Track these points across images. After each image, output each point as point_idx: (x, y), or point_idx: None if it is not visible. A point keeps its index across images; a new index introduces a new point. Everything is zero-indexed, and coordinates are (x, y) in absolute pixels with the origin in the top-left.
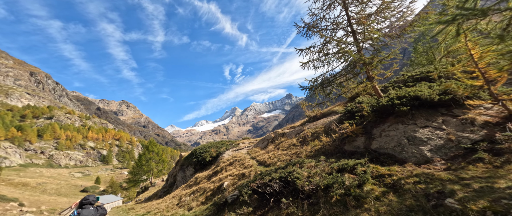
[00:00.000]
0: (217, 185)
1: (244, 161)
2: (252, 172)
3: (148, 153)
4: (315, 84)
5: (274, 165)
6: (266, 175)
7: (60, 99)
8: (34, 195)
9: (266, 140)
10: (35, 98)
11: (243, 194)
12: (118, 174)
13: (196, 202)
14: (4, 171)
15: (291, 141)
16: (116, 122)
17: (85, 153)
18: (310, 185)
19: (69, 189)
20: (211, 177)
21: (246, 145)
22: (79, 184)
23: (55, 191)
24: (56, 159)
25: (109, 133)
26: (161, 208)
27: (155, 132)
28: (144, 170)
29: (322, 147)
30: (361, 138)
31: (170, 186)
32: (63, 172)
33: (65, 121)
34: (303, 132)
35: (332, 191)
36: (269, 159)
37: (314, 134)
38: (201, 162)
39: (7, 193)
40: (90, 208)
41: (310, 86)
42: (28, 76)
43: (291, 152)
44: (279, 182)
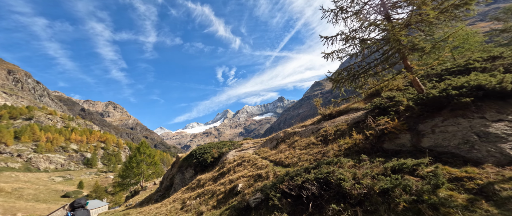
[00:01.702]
0: (229, 187)
1: (255, 161)
2: (269, 172)
3: (139, 155)
4: (344, 75)
5: (295, 165)
6: (296, 175)
7: (40, 99)
8: (9, 202)
9: (275, 140)
10: (13, 98)
11: (271, 197)
12: (103, 178)
13: (206, 206)
14: None
15: (309, 140)
16: (102, 124)
17: (68, 155)
18: (361, 189)
19: (48, 194)
20: (218, 178)
21: (250, 145)
22: (60, 188)
23: (32, 196)
24: (35, 163)
25: (94, 134)
26: (162, 212)
27: (144, 134)
28: (134, 173)
29: (354, 145)
30: (405, 135)
31: (167, 189)
32: (42, 176)
33: (46, 122)
34: (321, 130)
35: (394, 197)
36: (286, 158)
37: (337, 132)
38: (202, 163)
39: None
40: (82, 210)
41: (337, 78)
42: (6, 75)
43: (313, 151)
44: (317, 183)
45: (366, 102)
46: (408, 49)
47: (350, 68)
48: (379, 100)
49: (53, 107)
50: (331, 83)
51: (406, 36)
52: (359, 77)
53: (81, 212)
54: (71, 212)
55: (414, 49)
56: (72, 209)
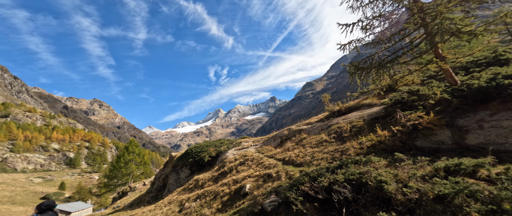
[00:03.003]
0: (234, 188)
1: (260, 160)
2: (280, 172)
3: (127, 154)
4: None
5: (309, 165)
6: (318, 176)
7: (18, 95)
8: None
9: (279, 137)
10: None
11: (291, 201)
12: (87, 178)
13: (209, 208)
14: None
15: (319, 137)
16: (87, 122)
17: (48, 155)
18: (412, 193)
19: (26, 196)
20: (219, 178)
21: (250, 144)
22: (39, 190)
23: (8, 199)
24: (11, 163)
25: (78, 133)
26: (157, 215)
27: (131, 133)
28: (122, 173)
29: (380, 143)
30: (444, 131)
31: (159, 190)
32: (19, 177)
33: (24, 119)
34: (332, 127)
35: (458, 205)
36: (297, 157)
37: (352, 129)
38: (199, 163)
39: None
40: (50, 213)
41: (357, 70)
42: None
43: (328, 149)
44: (349, 185)
45: (380, 98)
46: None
47: (371, 59)
48: (400, 94)
49: (33, 104)
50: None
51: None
52: (383, 67)
53: (48, 214)
54: (38, 214)
55: (454, 33)
56: (39, 211)
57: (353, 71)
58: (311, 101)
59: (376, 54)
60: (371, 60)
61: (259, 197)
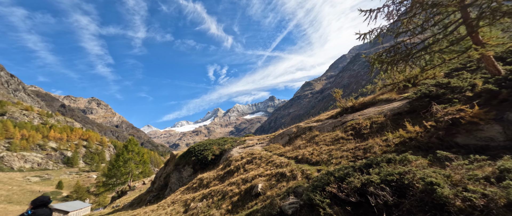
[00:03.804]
0: (244, 188)
1: (270, 158)
2: (295, 171)
3: (127, 153)
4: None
5: (327, 163)
6: (345, 176)
7: (15, 93)
8: None
9: (287, 135)
10: None
11: (317, 203)
12: (85, 177)
13: (218, 209)
14: None
15: (334, 134)
16: (84, 121)
17: (45, 154)
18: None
19: (23, 195)
20: (225, 177)
21: (255, 142)
22: (36, 189)
23: (4, 198)
24: (8, 161)
25: (76, 132)
26: (160, 215)
27: (130, 132)
28: (121, 172)
29: (410, 140)
30: (493, 126)
31: (161, 189)
32: (16, 176)
33: (20, 118)
34: (347, 123)
35: None
36: (311, 155)
37: (373, 125)
38: (202, 161)
39: None
40: (45, 209)
41: (379, 60)
42: None
43: (347, 147)
44: (387, 187)
45: (399, 93)
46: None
47: (396, 49)
48: (425, 88)
49: (29, 102)
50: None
51: None
52: (412, 57)
53: (43, 211)
54: (32, 210)
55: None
56: (34, 207)
57: (375, 63)
58: (310, 101)
59: (402, 43)
60: (396, 50)
61: (275, 198)
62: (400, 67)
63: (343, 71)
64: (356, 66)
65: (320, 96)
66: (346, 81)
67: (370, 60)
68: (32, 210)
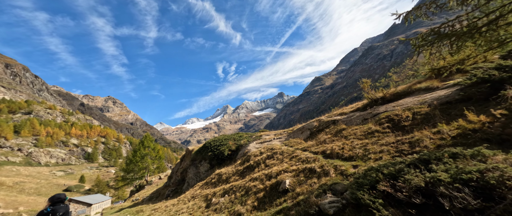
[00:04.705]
0: (269, 184)
1: (293, 153)
2: (326, 167)
3: (143, 149)
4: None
5: (363, 159)
6: (398, 172)
7: (39, 93)
8: (10, 195)
9: (307, 129)
10: (11, 92)
11: (367, 203)
12: (104, 172)
13: (243, 205)
14: None
15: (366, 128)
16: (102, 119)
17: (68, 150)
18: None
19: (50, 188)
20: (245, 173)
21: (272, 137)
22: (62, 183)
23: (34, 190)
24: (36, 157)
25: (94, 129)
26: (182, 210)
27: (144, 129)
28: (139, 167)
29: (475, 131)
30: None
31: (178, 184)
32: (43, 170)
33: (45, 116)
34: (381, 115)
35: None
36: (342, 150)
37: (416, 116)
38: (218, 156)
39: None
40: (61, 205)
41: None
42: (3, 69)
43: (387, 141)
44: (465, 188)
45: (442, 80)
46: None
47: (450, 26)
48: (481, 72)
49: (52, 101)
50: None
51: None
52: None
53: (60, 207)
54: (50, 207)
55: None
56: (52, 203)
57: (422, 44)
58: (320, 97)
59: (457, 19)
60: (450, 28)
61: (310, 195)
62: (456, 47)
63: (355, 65)
64: (368, 60)
65: (331, 92)
66: (358, 75)
67: (415, 42)
68: (50, 207)
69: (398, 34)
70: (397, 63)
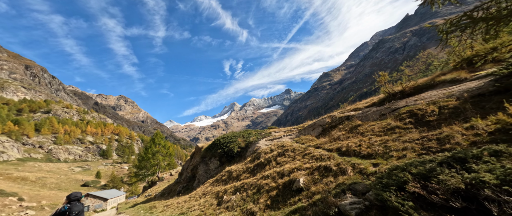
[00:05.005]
0: (282, 182)
1: (306, 151)
2: (342, 165)
3: (154, 146)
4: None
5: (384, 157)
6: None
7: (56, 93)
8: (34, 190)
9: (319, 126)
10: (31, 92)
11: (396, 206)
12: (118, 168)
13: (255, 204)
14: (1, 165)
15: (385, 123)
16: (115, 117)
17: (84, 147)
18: None
19: (69, 183)
20: (256, 170)
21: (282, 134)
22: (80, 178)
23: (55, 185)
24: (55, 153)
25: (108, 127)
26: (194, 207)
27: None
28: (151, 164)
29: None
30: None
31: (189, 180)
32: (62, 166)
33: (63, 115)
34: (401, 110)
35: None
36: (359, 147)
37: (443, 110)
38: (228, 154)
39: (6, 188)
40: (78, 204)
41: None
42: (23, 70)
43: (410, 137)
44: None
45: (470, 71)
46: None
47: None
48: None
49: (69, 101)
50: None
51: None
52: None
53: (76, 205)
54: (68, 205)
55: None
56: (68, 202)
57: (451, 30)
58: (329, 93)
59: (494, 1)
60: (484, 11)
61: (328, 195)
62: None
63: (365, 59)
64: (379, 54)
65: (339, 87)
66: (368, 70)
67: (442, 28)
68: (67, 205)
69: (411, 26)
70: (410, 57)
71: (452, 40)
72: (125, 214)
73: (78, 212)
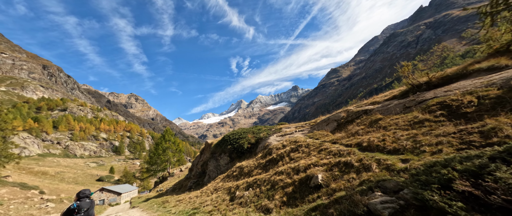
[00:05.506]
0: (297, 178)
1: (322, 146)
2: (366, 161)
3: (164, 143)
4: None
5: (415, 152)
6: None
7: (72, 92)
8: (53, 183)
9: (334, 121)
10: (49, 91)
11: (441, 206)
12: (130, 164)
13: (271, 201)
14: (23, 160)
15: (411, 116)
16: (126, 114)
17: (98, 143)
18: None
19: (85, 178)
20: (268, 166)
21: (293, 130)
22: (95, 173)
23: (72, 179)
24: (72, 149)
25: (120, 124)
26: (206, 202)
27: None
28: (161, 160)
29: None
30: None
31: (199, 176)
32: (78, 161)
33: (78, 112)
34: (429, 102)
35: None
36: (383, 142)
37: (483, 100)
38: (238, 149)
39: (28, 181)
40: (87, 200)
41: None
42: (41, 70)
43: (445, 131)
44: None
45: (510, 57)
46: None
47: None
48: None
49: (83, 99)
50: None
51: None
52: None
53: (85, 202)
54: (77, 202)
55: None
56: (78, 199)
57: (499, 10)
58: (337, 89)
59: None
60: None
61: (353, 193)
62: None
63: (375, 54)
64: (390, 48)
65: (348, 84)
66: (379, 65)
67: (485, 10)
68: (77, 202)
69: (425, 19)
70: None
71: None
72: (139, 208)
73: (87, 209)
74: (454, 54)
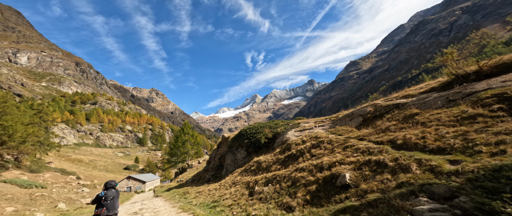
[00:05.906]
0: (321, 176)
1: (347, 143)
2: (403, 161)
3: (183, 135)
4: None
5: (466, 152)
6: None
7: (100, 87)
8: (88, 170)
9: (359, 116)
10: (82, 86)
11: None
12: (153, 155)
13: (293, 198)
14: (62, 148)
15: (458, 111)
16: (148, 108)
17: (124, 135)
18: None
19: (114, 166)
20: (287, 162)
21: (312, 125)
22: (122, 162)
23: (103, 167)
24: (102, 140)
25: (143, 117)
26: (225, 196)
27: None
28: (181, 152)
29: None
30: None
31: (217, 169)
32: (108, 151)
33: (106, 106)
34: (482, 94)
35: None
36: (423, 140)
37: None
38: (255, 144)
39: (67, 168)
40: (113, 190)
41: None
42: (74, 66)
43: (508, 128)
44: None
45: None
46: None
47: None
48: None
49: (110, 93)
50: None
51: None
52: None
53: (111, 192)
54: (105, 191)
55: None
56: (105, 189)
57: None
58: (356, 82)
59: None
60: None
61: (391, 196)
62: None
63: (400, 44)
64: (418, 37)
65: (369, 76)
66: (404, 56)
67: None
68: (104, 191)
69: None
70: (458, 39)
71: None
72: (162, 198)
73: (112, 197)
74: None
